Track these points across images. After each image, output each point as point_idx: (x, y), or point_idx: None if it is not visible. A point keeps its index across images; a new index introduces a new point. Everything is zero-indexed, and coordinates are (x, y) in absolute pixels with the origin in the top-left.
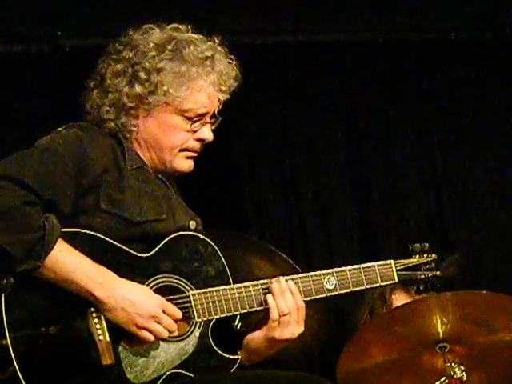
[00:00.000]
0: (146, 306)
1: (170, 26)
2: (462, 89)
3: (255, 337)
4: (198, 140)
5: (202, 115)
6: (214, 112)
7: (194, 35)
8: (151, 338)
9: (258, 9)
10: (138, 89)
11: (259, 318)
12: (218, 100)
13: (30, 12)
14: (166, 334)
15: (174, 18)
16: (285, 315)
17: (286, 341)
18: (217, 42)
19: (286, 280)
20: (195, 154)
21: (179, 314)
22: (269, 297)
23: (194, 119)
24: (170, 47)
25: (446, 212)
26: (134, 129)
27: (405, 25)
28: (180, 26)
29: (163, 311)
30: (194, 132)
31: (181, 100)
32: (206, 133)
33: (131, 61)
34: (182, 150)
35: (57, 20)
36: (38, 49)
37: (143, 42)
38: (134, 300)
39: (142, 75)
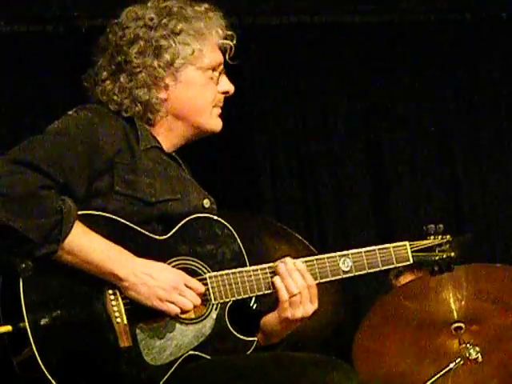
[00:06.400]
0: (167, 278)
1: (152, 1)
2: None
3: (269, 318)
4: (223, 93)
5: (220, 65)
6: (224, 62)
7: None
8: (176, 310)
9: None
10: (166, 57)
11: (272, 299)
12: (225, 49)
13: None
14: (190, 306)
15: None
16: (294, 295)
17: (301, 319)
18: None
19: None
20: (221, 110)
21: (201, 288)
22: (276, 279)
23: (215, 71)
24: (174, 10)
25: (462, 190)
26: (161, 108)
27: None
28: None
29: (185, 285)
30: (218, 85)
31: (203, 53)
32: (227, 83)
33: (145, 36)
34: (213, 107)
35: (73, 1)
36: (54, 29)
37: (144, 18)
38: (154, 274)
39: (165, 43)
